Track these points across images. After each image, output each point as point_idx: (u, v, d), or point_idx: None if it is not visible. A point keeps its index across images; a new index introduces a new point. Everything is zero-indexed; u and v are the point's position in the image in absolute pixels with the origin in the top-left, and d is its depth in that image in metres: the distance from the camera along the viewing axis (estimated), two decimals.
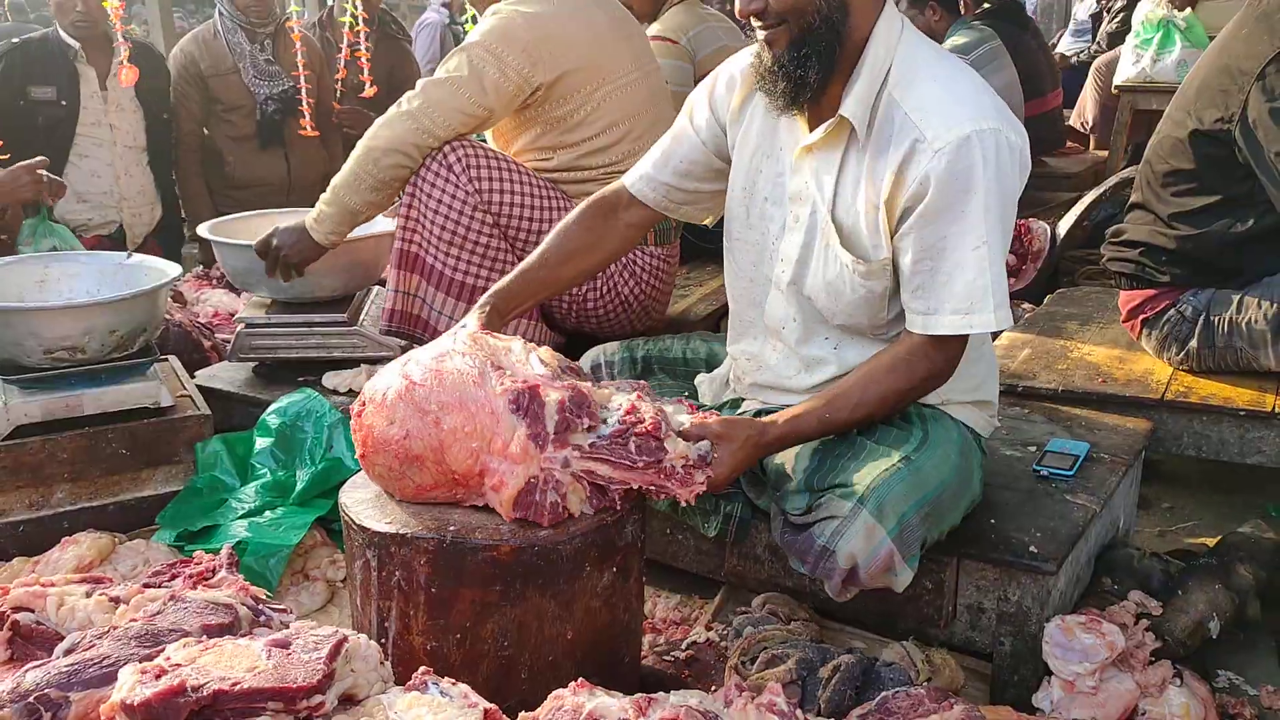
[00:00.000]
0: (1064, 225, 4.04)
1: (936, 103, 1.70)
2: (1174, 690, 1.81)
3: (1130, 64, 5.35)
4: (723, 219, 2.08)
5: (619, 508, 1.66)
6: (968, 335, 1.77)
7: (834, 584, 1.77)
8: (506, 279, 2.05)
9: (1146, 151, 2.75)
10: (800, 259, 1.88)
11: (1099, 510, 2.01)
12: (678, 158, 2.05)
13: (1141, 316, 2.70)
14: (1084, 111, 6.27)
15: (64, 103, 4.31)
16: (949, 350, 1.79)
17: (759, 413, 2.01)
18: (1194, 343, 2.59)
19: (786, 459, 1.86)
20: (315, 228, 2.67)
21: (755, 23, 1.77)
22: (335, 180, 2.65)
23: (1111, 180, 4.15)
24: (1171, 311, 2.63)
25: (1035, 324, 3.10)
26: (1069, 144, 6.03)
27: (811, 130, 1.83)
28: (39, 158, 3.26)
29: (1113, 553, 2.12)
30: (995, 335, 3.07)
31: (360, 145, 2.62)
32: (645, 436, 1.63)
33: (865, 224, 1.79)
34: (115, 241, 4.37)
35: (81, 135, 4.37)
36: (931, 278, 1.74)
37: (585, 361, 2.28)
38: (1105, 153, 5.81)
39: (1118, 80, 5.46)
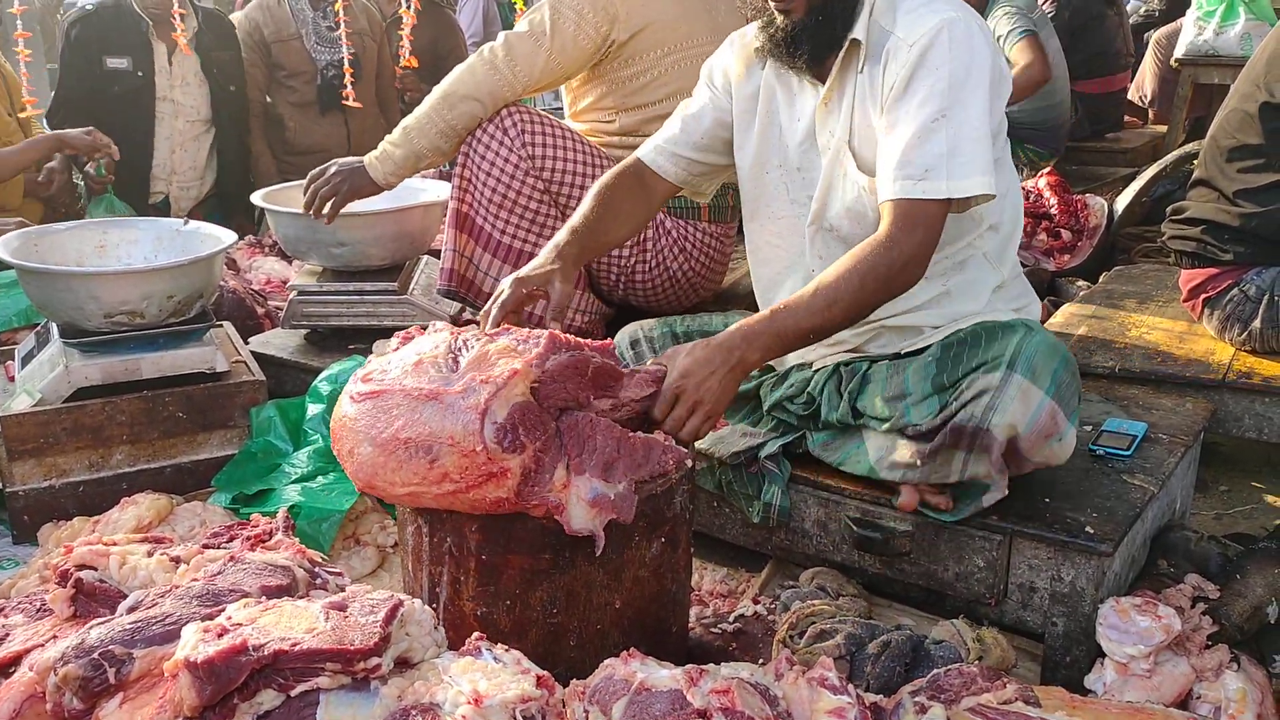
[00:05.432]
0: (1122, 202, 3.96)
1: (909, 12, 1.85)
2: (1230, 675, 1.78)
3: (1192, 36, 5.20)
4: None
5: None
6: (934, 210, 1.76)
7: (994, 457, 1.76)
8: (563, 238, 2.03)
9: (1212, 126, 2.68)
10: (821, 195, 1.95)
11: (1157, 491, 1.97)
12: (699, 132, 2.12)
13: (1203, 296, 2.65)
14: (1143, 85, 6.11)
15: (140, 73, 4.29)
16: (914, 226, 1.75)
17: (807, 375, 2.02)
18: (1257, 323, 2.53)
19: (894, 385, 1.88)
20: (376, 165, 2.68)
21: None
22: (406, 121, 2.66)
23: (1172, 156, 4.05)
24: (1234, 291, 2.58)
25: (1092, 302, 3.04)
26: (1127, 118, 5.90)
27: (824, 82, 1.93)
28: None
29: (1169, 535, 2.08)
30: (1058, 308, 3.04)
31: (438, 90, 2.63)
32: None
33: (875, 143, 1.86)
34: (159, 211, 4.40)
35: None
36: (897, 150, 1.77)
37: (623, 336, 2.27)
38: (1164, 127, 5.67)
39: (1178, 53, 5.31)
